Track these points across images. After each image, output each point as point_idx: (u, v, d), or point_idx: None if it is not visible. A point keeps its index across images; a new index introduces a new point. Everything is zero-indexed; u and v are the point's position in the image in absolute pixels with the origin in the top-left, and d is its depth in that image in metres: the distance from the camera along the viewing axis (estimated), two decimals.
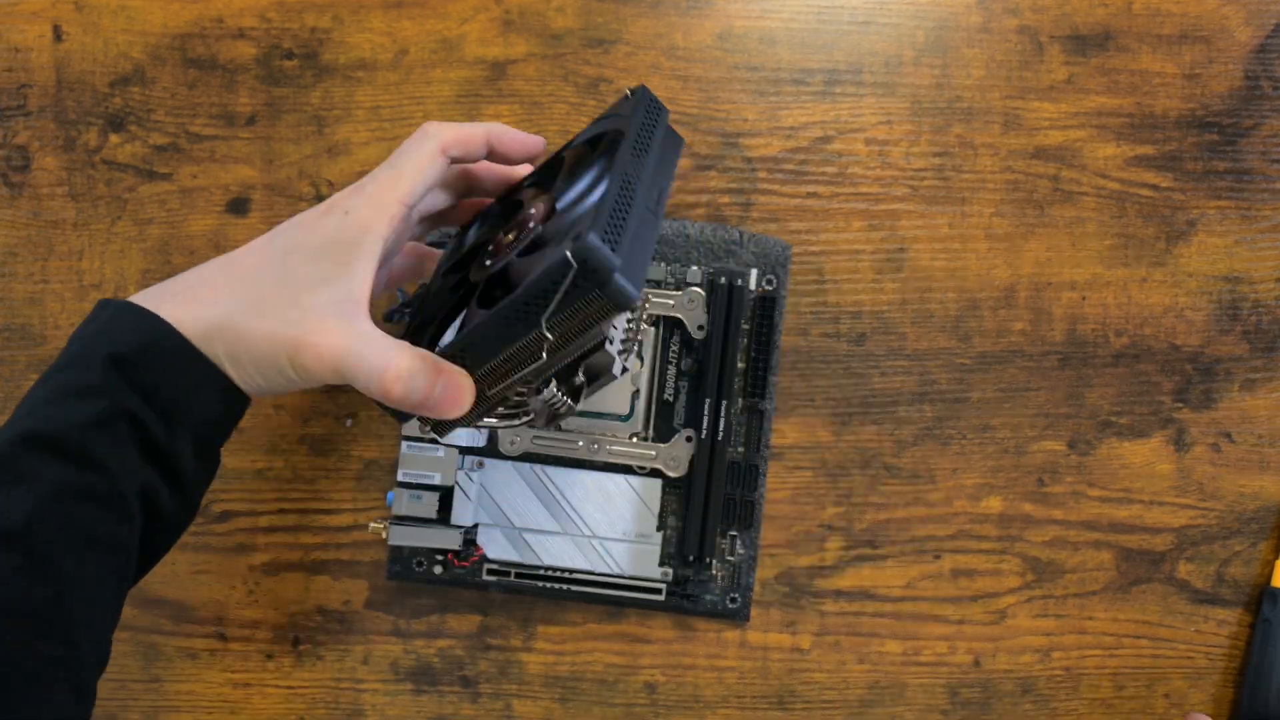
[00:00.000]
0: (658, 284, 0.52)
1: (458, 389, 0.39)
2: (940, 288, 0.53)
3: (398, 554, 0.52)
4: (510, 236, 0.41)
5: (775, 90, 0.53)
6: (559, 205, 0.41)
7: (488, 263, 0.41)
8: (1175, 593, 0.53)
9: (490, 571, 0.52)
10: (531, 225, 0.41)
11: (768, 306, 0.52)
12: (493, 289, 0.40)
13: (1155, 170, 0.53)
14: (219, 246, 0.53)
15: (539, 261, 0.37)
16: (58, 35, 0.53)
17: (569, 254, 0.35)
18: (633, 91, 0.43)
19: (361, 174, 0.53)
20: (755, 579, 0.52)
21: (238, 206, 0.53)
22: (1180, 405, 0.53)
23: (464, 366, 0.39)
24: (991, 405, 0.53)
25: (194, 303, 0.39)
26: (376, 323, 0.39)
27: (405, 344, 0.39)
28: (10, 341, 0.53)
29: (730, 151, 0.53)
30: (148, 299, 0.39)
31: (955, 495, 0.53)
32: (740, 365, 0.52)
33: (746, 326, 0.52)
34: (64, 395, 0.37)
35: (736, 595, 0.52)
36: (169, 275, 0.53)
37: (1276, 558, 0.52)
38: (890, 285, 0.53)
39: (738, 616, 0.52)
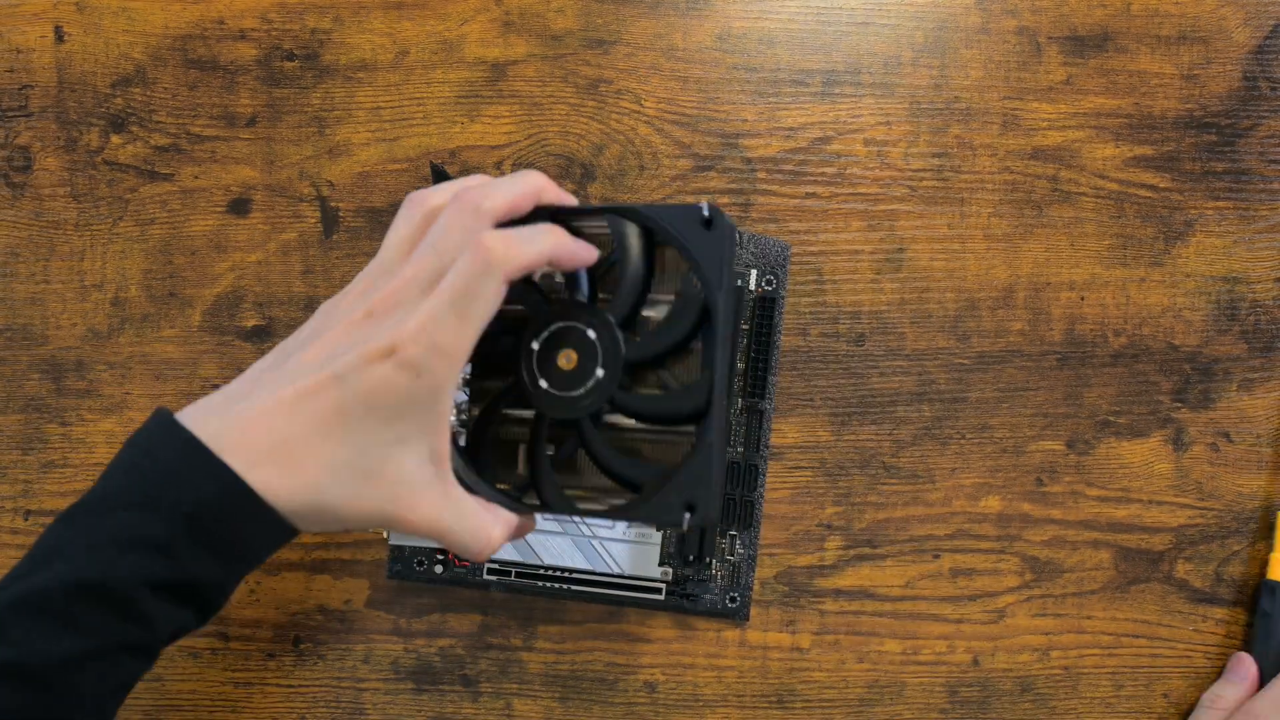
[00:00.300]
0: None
1: (526, 533, 0.43)
2: (939, 288, 0.53)
3: (399, 553, 0.52)
4: (569, 363, 0.41)
5: (774, 91, 0.53)
6: (615, 320, 0.42)
7: (543, 383, 0.41)
8: (1174, 592, 0.53)
9: (491, 571, 0.52)
10: (601, 375, 0.41)
11: (767, 307, 0.52)
12: (563, 432, 0.43)
13: (1153, 171, 0.53)
14: (220, 247, 0.53)
15: (641, 478, 0.41)
16: (59, 36, 0.53)
17: (685, 525, 0.38)
18: (710, 216, 0.41)
19: (361, 176, 0.53)
20: (754, 578, 0.52)
21: (239, 207, 0.53)
22: (1179, 405, 0.53)
23: (535, 509, 0.42)
24: (990, 405, 0.53)
25: (284, 472, 0.38)
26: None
27: (493, 511, 0.41)
28: (12, 342, 0.53)
29: (729, 152, 0.53)
30: (227, 446, 0.38)
31: (954, 495, 0.53)
32: (740, 365, 0.52)
33: (746, 326, 0.52)
34: (131, 546, 0.37)
35: (736, 595, 0.52)
36: (170, 275, 0.53)
37: (1271, 552, 0.52)
38: (889, 285, 0.53)
39: (737, 616, 0.52)
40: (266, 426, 0.38)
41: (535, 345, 0.42)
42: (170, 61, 0.53)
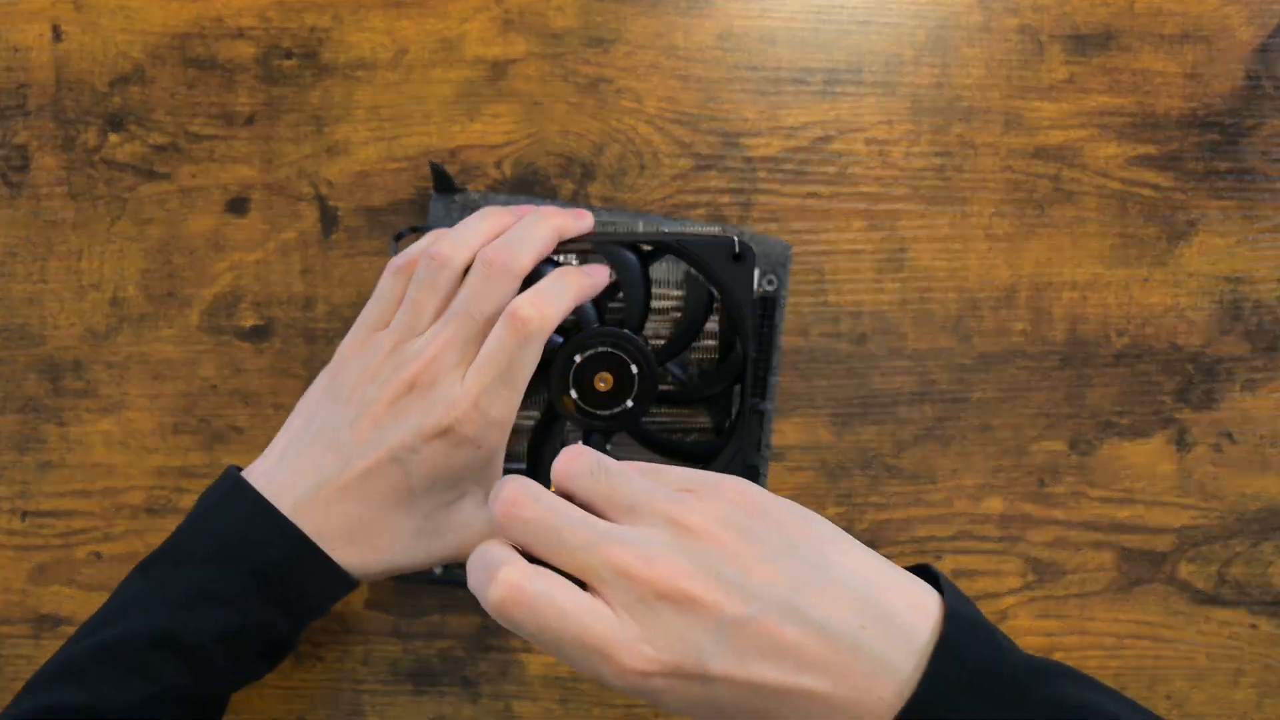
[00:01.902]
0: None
1: None
2: (940, 288, 0.53)
3: None
4: (604, 385, 0.45)
5: (775, 90, 0.53)
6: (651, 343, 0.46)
7: (573, 393, 0.45)
8: (1176, 593, 0.53)
9: None
10: (630, 404, 0.45)
11: (768, 306, 0.51)
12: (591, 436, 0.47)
13: (1156, 170, 0.53)
14: (219, 246, 0.53)
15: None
16: (57, 35, 0.53)
17: None
18: (740, 250, 0.45)
19: (360, 175, 0.53)
20: None
21: (237, 206, 0.53)
22: (1181, 405, 0.53)
23: None
24: (992, 405, 0.53)
25: (360, 549, 0.41)
26: None
27: None
28: (10, 341, 0.53)
29: (730, 151, 0.53)
30: (312, 531, 0.40)
31: (956, 495, 0.53)
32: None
33: None
34: (203, 599, 0.39)
35: None
36: (168, 275, 0.53)
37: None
38: (890, 285, 0.53)
39: None
40: (340, 510, 0.40)
41: (579, 359, 0.44)
42: (168, 60, 0.53)
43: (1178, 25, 0.53)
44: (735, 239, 0.45)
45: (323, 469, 0.41)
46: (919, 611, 0.33)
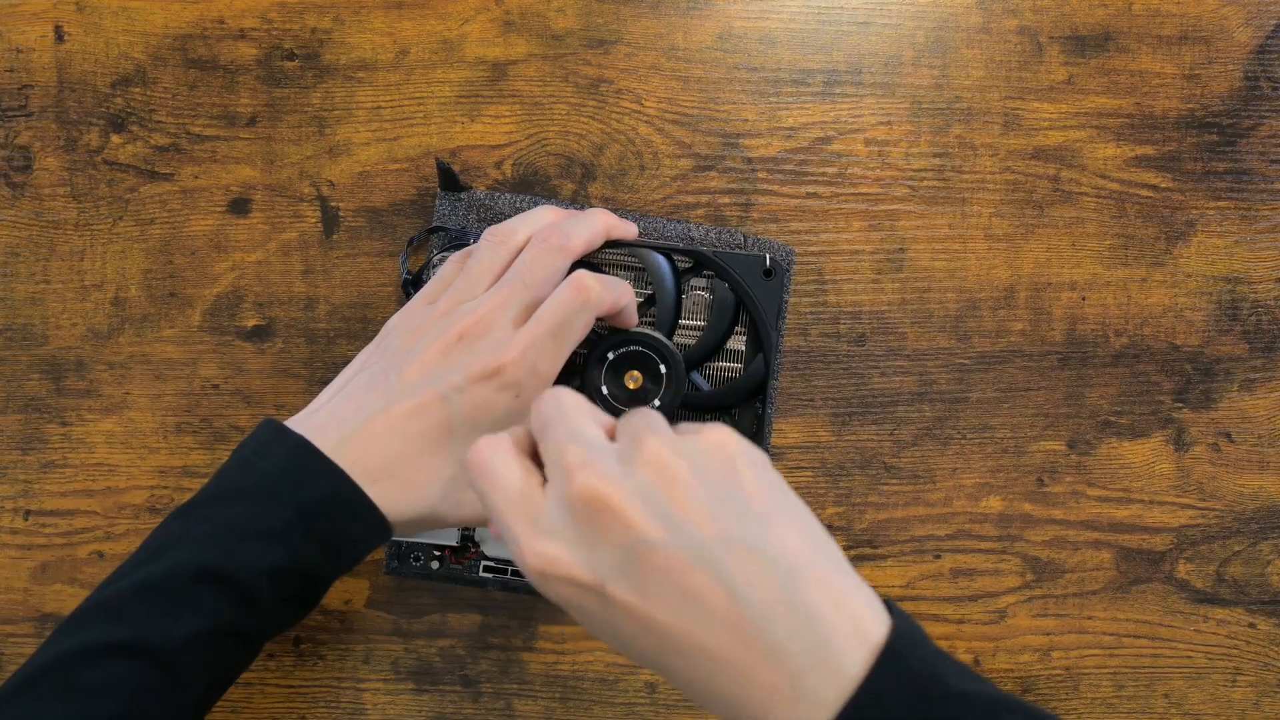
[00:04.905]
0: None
1: None
2: (940, 288, 0.53)
3: (396, 549, 0.52)
4: (633, 384, 0.47)
5: (775, 91, 0.53)
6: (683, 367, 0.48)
7: (604, 389, 0.47)
8: (1175, 592, 0.53)
9: (487, 569, 0.52)
10: (657, 404, 0.47)
11: None
12: None
13: (1155, 171, 0.53)
14: (220, 246, 0.53)
15: None
16: (59, 36, 0.53)
17: None
18: (771, 268, 0.48)
19: (362, 175, 0.53)
20: None
21: (239, 207, 0.53)
22: (1180, 405, 0.53)
23: None
24: (991, 405, 0.53)
25: (398, 487, 0.41)
26: None
27: None
28: (12, 342, 0.53)
29: (730, 152, 0.53)
30: (344, 462, 0.41)
31: (955, 495, 0.53)
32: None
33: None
34: (248, 535, 0.39)
35: None
36: (170, 275, 0.53)
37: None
38: (890, 285, 0.53)
39: None
40: (381, 444, 0.41)
41: (611, 355, 0.47)
42: (170, 61, 0.53)
43: (1176, 26, 0.53)
44: (767, 256, 0.48)
45: (366, 407, 0.42)
46: (845, 620, 0.31)
